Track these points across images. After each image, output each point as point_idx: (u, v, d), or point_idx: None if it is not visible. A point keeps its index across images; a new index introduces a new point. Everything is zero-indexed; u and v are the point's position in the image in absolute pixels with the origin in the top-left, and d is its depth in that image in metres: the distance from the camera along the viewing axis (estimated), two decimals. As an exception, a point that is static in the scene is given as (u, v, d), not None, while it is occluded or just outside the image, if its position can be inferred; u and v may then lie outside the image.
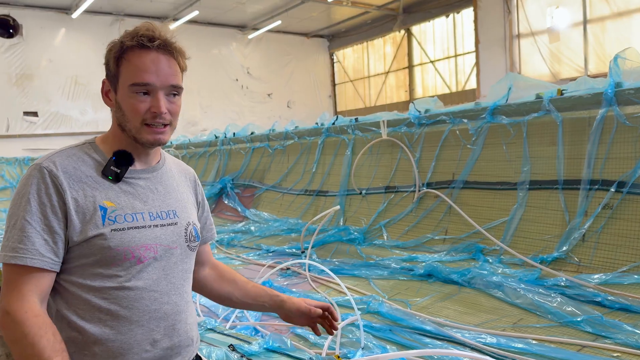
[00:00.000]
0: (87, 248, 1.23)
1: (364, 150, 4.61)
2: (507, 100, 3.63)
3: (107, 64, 1.31)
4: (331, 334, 1.56)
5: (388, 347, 2.43)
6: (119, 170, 1.29)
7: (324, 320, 1.54)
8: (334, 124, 5.25)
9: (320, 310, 1.51)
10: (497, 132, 3.66)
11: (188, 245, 1.39)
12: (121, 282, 1.24)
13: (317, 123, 5.59)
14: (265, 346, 1.72)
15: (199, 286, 1.58)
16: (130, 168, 1.32)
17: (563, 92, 3.29)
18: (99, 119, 15.56)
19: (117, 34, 15.94)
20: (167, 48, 1.29)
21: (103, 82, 1.33)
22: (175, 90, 1.31)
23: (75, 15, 15.02)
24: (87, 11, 14.91)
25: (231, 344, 1.76)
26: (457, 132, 3.95)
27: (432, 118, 4.17)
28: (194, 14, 15.83)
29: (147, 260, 1.28)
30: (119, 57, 1.28)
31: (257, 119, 17.73)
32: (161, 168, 1.41)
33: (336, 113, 20.80)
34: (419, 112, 4.31)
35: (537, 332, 2.44)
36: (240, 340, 1.85)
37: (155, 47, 1.27)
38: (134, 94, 1.27)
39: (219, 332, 2.03)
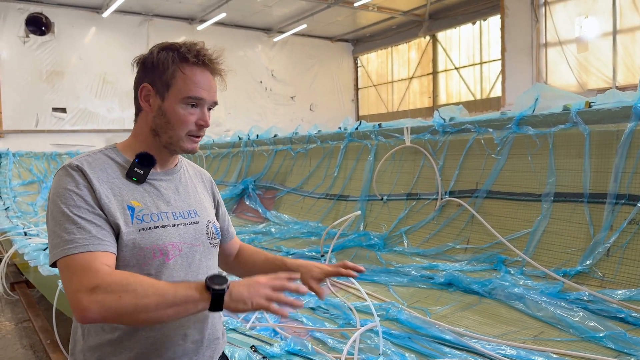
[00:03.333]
0: (120, 246, 1.27)
1: (386, 156, 4.61)
2: (533, 110, 3.60)
3: (154, 70, 1.35)
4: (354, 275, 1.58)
5: (407, 354, 2.44)
6: (142, 172, 1.35)
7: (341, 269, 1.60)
8: (357, 129, 5.26)
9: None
10: (522, 142, 3.64)
11: (210, 243, 1.45)
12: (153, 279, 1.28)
13: (340, 128, 5.61)
14: (286, 349, 1.74)
15: (237, 258, 1.71)
16: (152, 170, 1.38)
17: (591, 104, 3.25)
18: (126, 117, 15.84)
19: (146, 33, 16.27)
20: (218, 70, 1.39)
21: (143, 87, 1.37)
22: (213, 106, 1.42)
23: (105, 14, 15.34)
24: (117, 11, 15.22)
25: (253, 345, 1.79)
26: (482, 141, 3.93)
27: (457, 126, 4.15)
28: (221, 15, 16.03)
29: (174, 257, 1.33)
30: (174, 67, 1.34)
31: (280, 121, 17.85)
32: (179, 170, 1.48)
33: (358, 117, 20.80)
34: (444, 119, 4.30)
35: (558, 346, 2.42)
36: (262, 341, 1.88)
37: (212, 68, 1.37)
38: (186, 106, 1.35)
39: (240, 333, 2.07)
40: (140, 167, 1.35)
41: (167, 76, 1.34)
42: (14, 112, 14.44)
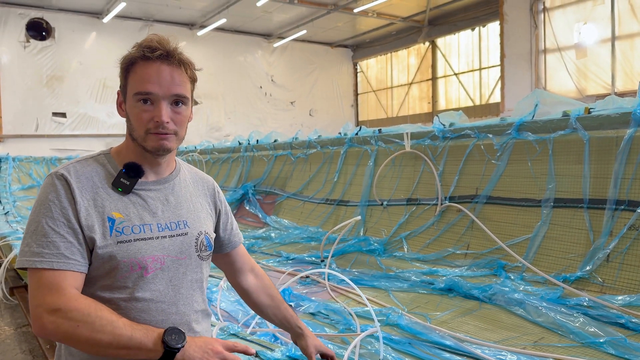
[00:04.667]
0: (95, 259, 1.25)
1: (386, 161, 4.62)
2: (533, 116, 3.61)
3: (120, 77, 1.36)
4: None
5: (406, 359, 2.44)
6: (128, 183, 1.32)
7: None
8: (357, 134, 5.28)
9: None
10: (522, 148, 3.65)
11: (199, 255, 1.41)
12: (130, 293, 1.27)
13: (340, 133, 5.62)
14: (288, 354, 1.74)
15: (244, 294, 1.69)
16: (141, 180, 1.35)
17: (591, 110, 3.27)
18: (125, 122, 15.83)
19: (146, 39, 16.35)
20: (170, 58, 1.31)
21: (117, 94, 1.38)
22: (180, 100, 1.33)
23: (106, 19, 15.39)
24: (118, 16, 15.28)
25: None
26: (482, 146, 3.94)
27: (457, 132, 4.16)
28: (221, 21, 16.09)
29: (154, 271, 1.30)
30: (127, 68, 1.32)
31: (280, 126, 17.89)
32: (174, 179, 1.44)
33: (358, 123, 20.85)
34: (444, 125, 4.31)
35: (558, 351, 2.42)
36: (263, 346, 1.88)
37: (157, 57, 1.29)
38: (138, 103, 1.30)
39: (241, 338, 2.07)
40: (127, 177, 1.32)
41: (124, 78, 1.33)
42: (14, 117, 14.46)
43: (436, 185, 4.16)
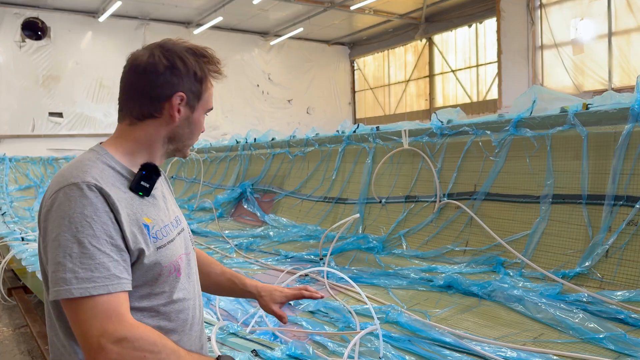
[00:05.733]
0: (136, 270, 1.18)
1: (384, 159, 4.61)
2: (531, 112, 3.61)
3: (189, 79, 1.27)
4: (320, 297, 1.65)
5: (407, 357, 2.43)
6: (148, 185, 1.25)
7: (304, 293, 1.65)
8: (355, 132, 5.27)
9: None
10: (520, 144, 3.64)
11: (193, 248, 1.43)
12: (167, 297, 1.25)
13: (337, 131, 5.61)
14: (287, 352, 1.74)
15: None
16: None
17: (589, 106, 3.26)
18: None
19: (142, 37, 16.27)
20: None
21: (178, 96, 1.26)
22: None
23: (102, 18, 15.35)
24: (114, 15, 15.23)
25: (254, 350, 1.78)
26: (480, 143, 3.93)
27: (455, 129, 4.16)
28: (217, 19, 16.05)
29: (182, 270, 1.29)
30: (203, 80, 1.30)
31: (277, 124, 17.86)
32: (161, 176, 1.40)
33: (355, 120, 20.84)
34: (442, 122, 4.31)
35: (558, 347, 2.42)
36: (263, 345, 1.87)
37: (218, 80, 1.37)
38: (204, 117, 1.34)
39: (241, 337, 2.06)
40: (147, 179, 1.25)
41: (201, 87, 1.29)
42: (10, 117, 14.41)
43: (434, 183, 4.16)
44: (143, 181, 1.24)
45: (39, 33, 15.03)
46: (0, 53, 14.36)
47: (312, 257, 4.52)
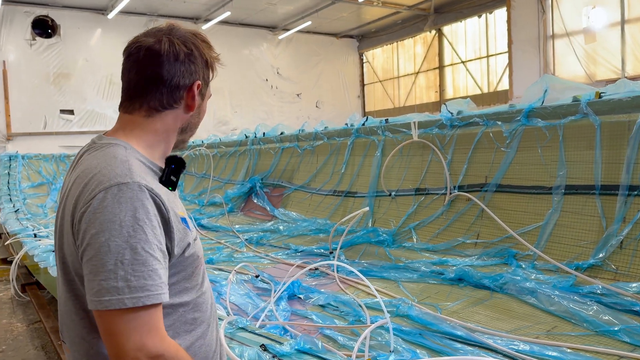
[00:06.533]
0: (180, 265, 1.15)
1: (394, 151, 4.58)
2: (542, 102, 3.55)
3: (205, 68, 1.26)
4: None
5: (418, 351, 2.41)
6: (175, 179, 1.22)
7: None
8: (363, 124, 5.23)
9: None
10: (532, 135, 3.59)
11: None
12: (200, 288, 1.24)
13: (346, 124, 5.58)
14: (296, 347, 1.72)
15: None
16: None
17: (601, 95, 3.20)
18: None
19: (151, 34, 16.36)
20: None
21: (197, 84, 1.23)
22: None
23: (110, 15, 15.39)
24: (122, 12, 15.26)
25: (263, 344, 1.77)
26: (491, 134, 3.88)
27: (465, 120, 4.11)
28: (225, 14, 16.02)
29: (203, 262, 1.29)
30: (210, 67, 1.28)
31: (286, 118, 17.84)
32: None
33: (365, 113, 20.75)
34: (451, 113, 4.26)
35: (572, 340, 2.38)
36: (272, 340, 1.86)
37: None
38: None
39: (250, 332, 2.05)
40: (175, 173, 1.22)
41: (210, 74, 1.28)
42: (22, 115, 14.52)
43: (445, 175, 4.12)
44: (173, 175, 1.21)
45: (49, 31, 15.10)
46: (11, 51, 14.45)
47: (322, 250, 4.50)
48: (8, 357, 4.23)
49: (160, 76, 1.18)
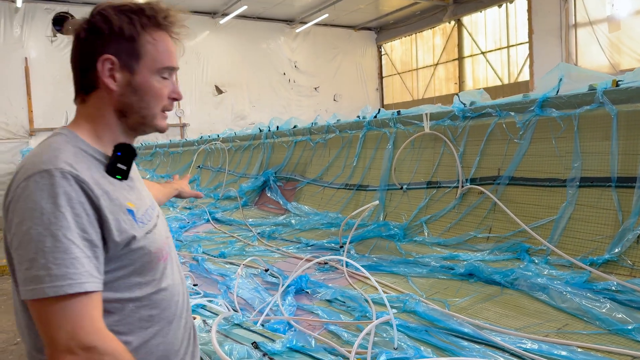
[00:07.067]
0: (125, 258, 1.11)
1: (405, 144, 4.49)
2: (557, 92, 3.43)
3: (117, 39, 1.15)
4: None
5: (422, 348, 2.35)
6: (125, 167, 1.17)
7: None
8: (375, 117, 5.15)
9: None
10: (546, 125, 3.47)
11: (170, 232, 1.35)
12: (156, 285, 1.19)
13: (358, 116, 5.51)
14: (288, 345, 1.68)
15: None
16: None
17: (619, 83, 3.07)
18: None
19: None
20: (180, 34, 1.23)
21: (106, 59, 1.14)
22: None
23: (128, 11, 15.51)
24: (140, 7, 15.37)
25: (254, 342, 1.73)
26: (504, 125, 3.77)
27: (477, 111, 4.00)
28: (242, 8, 16.01)
29: (167, 256, 1.23)
30: (145, 34, 1.16)
31: (304, 112, 17.81)
32: None
33: (383, 106, 20.59)
34: (464, 104, 4.15)
35: (583, 339, 2.29)
36: (265, 337, 1.82)
37: (177, 32, 1.22)
38: (160, 78, 1.18)
39: (245, 328, 2.01)
40: (123, 161, 1.16)
41: (137, 45, 1.16)
42: (44, 111, 14.76)
43: (457, 167, 4.02)
44: (120, 163, 1.16)
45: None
46: (32, 48, 14.69)
47: (333, 245, 4.45)
48: (22, 349, 4.28)
49: (72, 59, 1.18)
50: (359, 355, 2.35)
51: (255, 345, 1.67)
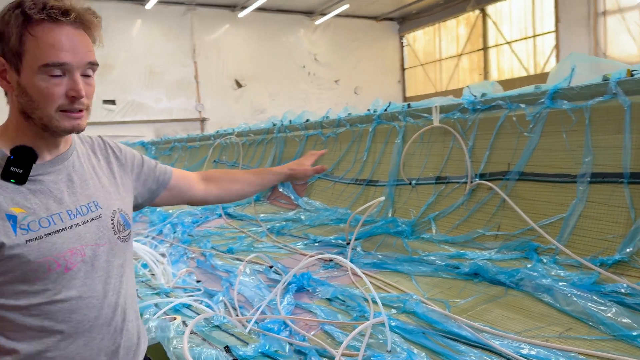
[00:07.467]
0: (4, 265, 1.08)
1: (413, 138, 4.37)
2: (569, 82, 3.26)
3: (2, 39, 1.12)
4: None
5: (416, 351, 2.26)
6: (21, 171, 1.12)
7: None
8: (386, 110, 5.03)
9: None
10: (557, 118, 3.31)
11: (118, 237, 1.26)
12: (51, 295, 1.12)
13: (369, 109, 5.40)
14: (260, 350, 1.62)
15: (214, 200, 1.73)
16: (36, 163, 1.17)
17: (633, 72, 2.90)
18: (173, 106, 16.19)
19: (190, 23, 16.50)
20: (82, 21, 1.16)
21: None
22: (91, 69, 1.19)
23: (148, 6, 15.64)
24: (160, 1, 15.47)
25: (227, 345, 1.68)
26: (514, 118, 3.62)
27: (487, 103, 3.85)
28: (262, 1, 15.97)
29: (76, 265, 1.15)
30: (22, 31, 1.10)
31: (324, 105, 17.68)
32: (72, 153, 1.27)
33: (405, 99, 20.36)
34: (474, 96, 4.01)
35: (585, 345, 2.16)
36: (240, 340, 1.76)
37: (71, 21, 1.13)
38: (47, 77, 1.12)
39: (223, 330, 1.96)
40: (18, 164, 1.11)
41: (14, 43, 1.11)
42: None
43: (466, 162, 3.89)
44: (13, 167, 1.11)
45: (92, 23, 15.53)
46: (56, 44, 14.96)
47: (340, 241, 4.37)
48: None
49: None
50: (352, 358, 2.28)
51: (227, 349, 1.62)
